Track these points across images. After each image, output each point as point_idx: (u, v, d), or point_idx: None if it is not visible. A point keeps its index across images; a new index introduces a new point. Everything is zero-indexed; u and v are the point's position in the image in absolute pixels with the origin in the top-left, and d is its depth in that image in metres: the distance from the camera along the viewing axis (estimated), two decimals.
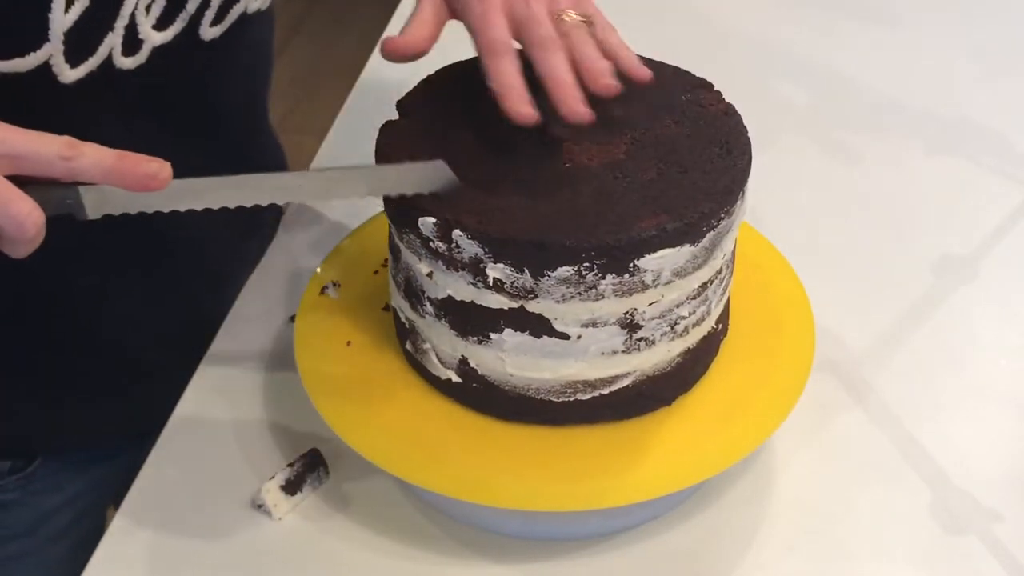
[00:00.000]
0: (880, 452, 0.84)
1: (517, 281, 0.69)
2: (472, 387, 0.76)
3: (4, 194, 0.61)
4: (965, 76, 1.22)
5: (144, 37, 0.75)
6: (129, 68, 0.75)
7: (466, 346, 0.74)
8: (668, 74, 0.80)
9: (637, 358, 0.73)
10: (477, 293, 0.71)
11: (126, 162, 0.63)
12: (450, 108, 0.76)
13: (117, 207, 0.65)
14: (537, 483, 0.73)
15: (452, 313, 0.73)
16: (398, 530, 0.79)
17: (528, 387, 0.74)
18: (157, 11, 0.75)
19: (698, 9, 1.32)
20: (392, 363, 0.80)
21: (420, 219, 0.70)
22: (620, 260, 0.68)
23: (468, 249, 0.69)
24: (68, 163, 0.62)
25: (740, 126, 0.76)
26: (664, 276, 0.70)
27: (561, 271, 0.68)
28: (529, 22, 0.73)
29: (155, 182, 0.63)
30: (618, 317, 0.71)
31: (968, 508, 0.81)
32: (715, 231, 0.71)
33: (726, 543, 0.79)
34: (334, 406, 0.76)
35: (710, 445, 0.75)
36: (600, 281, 0.69)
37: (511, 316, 0.71)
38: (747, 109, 0.78)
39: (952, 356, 0.92)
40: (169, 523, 0.80)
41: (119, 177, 0.63)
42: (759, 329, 0.82)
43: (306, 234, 1.01)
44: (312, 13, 3.19)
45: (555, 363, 0.72)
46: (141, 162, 0.63)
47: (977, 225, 1.04)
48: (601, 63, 0.73)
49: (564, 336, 0.71)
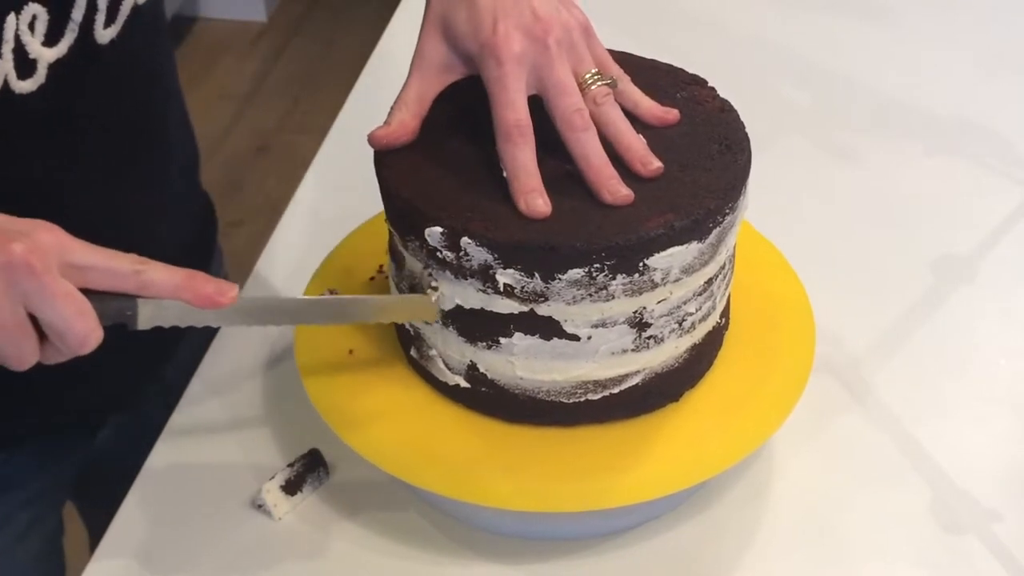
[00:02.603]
0: (880, 452, 0.84)
1: (527, 286, 0.69)
2: (481, 391, 0.75)
3: (75, 307, 0.62)
4: (965, 76, 1.22)
5: (36, 56, 0.71)
6: (30, 91, 0.72)
7: (475, 352, 0.73)
8: (661, 72, 0.81)
9: (646, 356, 0.73)
10: (487, 300, 0.70)
11: (196, 280, 0.65)
12: (452, 111, 0.76)
13: (169, 320, 0.67)
14: (536, 484, 0.73)
15: (460, 320, 0.73)
16: (398, 530, 0.79)
17: (539, 390, 0.74)
18: (42, 27, 0.71)
19: (699, 10, 1.32)
20: (392, 364, 0.80)
21: (427, 229, 0.70)
22: (630, 260, 0.68)
23: (477, 256, 0.69)
24: (139, 277, 0.64)
25: (738, 122, 0.76)
26: (673, 274, 0.70)
27: (572, 273, 0.68)
28: (554, 89, 0.71)
29: (223, 299, 0.65)
30: (627, 316, 0.71)
31: (968, 508, 0.81)
32: (720, 227, 0.71)
33: (726, 543, 0.79)
34: (334, 406, 0.76)
35: (710, 445, 0.75)
36: (611, 282, 0.69)
37: (521, 320, 0.71)
38: (748, 109, 0.78)
39: (952, 356, 0.92)
40: (169, 523, 0.80)
41: (190, 294, 0.65)
42: (759, 329, 0.82)
43: (305, 234, 1.01)
44: (312, 13, 3.20)
45: (565, 364, 0.72)
46: (210, 281, 0.65)
47: (977, 225, 1.04)
48: (638, 144, 0.72)
49: (574, 337, 0.71)
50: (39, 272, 0.61)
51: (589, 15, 0.75)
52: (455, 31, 0.73)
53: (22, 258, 0.61)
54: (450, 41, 0.73)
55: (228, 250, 1.07)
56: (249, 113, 2.82)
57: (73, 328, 0.63)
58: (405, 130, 0.74)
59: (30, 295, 0.61)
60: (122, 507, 0.81)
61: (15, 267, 0.61)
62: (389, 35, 1.27)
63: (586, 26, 0.74)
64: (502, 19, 0.70)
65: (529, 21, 0.70)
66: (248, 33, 3.10)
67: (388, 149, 0.74)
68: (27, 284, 0.61)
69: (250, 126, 2.78)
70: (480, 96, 0.72)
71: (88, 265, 0.63)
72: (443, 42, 0.74)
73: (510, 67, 0.70)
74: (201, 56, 2.96)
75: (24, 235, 0.61)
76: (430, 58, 0.74)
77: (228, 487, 0.81)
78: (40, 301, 0.62)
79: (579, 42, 0.73)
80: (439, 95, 0.76)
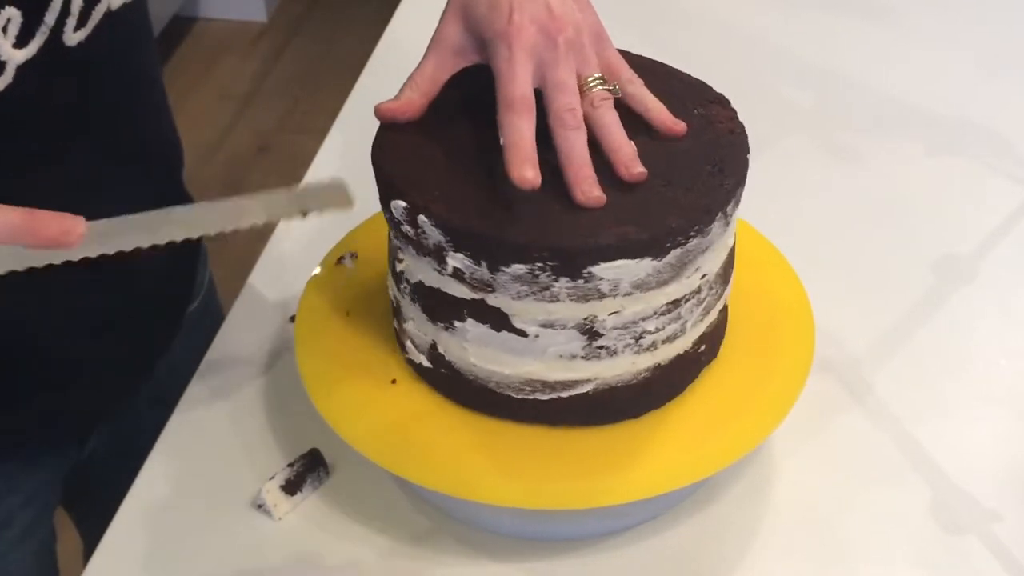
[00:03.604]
0: (880, 452, 0.84)
1: (476, 273, 0.69)
2: (440, 373, 0.76)
3: None
4: (965, 76, 1.22)
5: (6, 58, 0.71)
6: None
7: (436, 331, 0.74)
8: (687, 85, 0.79)
9: (598, 366, 0.73)
10: (442, 281, 0.71)
11: (36, 221, 0.59)
12: (451, 108, 0.76)
13: (22, 262, 0.61)
14: (537, 482, 0.73)
15: (423, 297, 0.74)
16: (398, 530, 0.79)
17: (489, 379, 0.74)
18: (15, 29, 0.71)
19: (700, 10, 1.32)
20: (393, 364, 0.80)
21: (393, 202, 0.71)
22: (572, 265, 0.68)
23: (432, 236, 0.70)
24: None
25: (741, 147, 0.74)
26: (623, 287, 0.69)
27: (515, 268, 0.68)
28: (554, 87, 0.71)
29: (69, 238, 0.59)
30: (577, 322, 0.70)
31: (968, 508, 0.81)
32: (683, 248, 0.69)
33: (726, 543, 0.79)
34: (334, 406, 0.76)
35: (710, 445, 0.75)
36: (554, 283, 0.68)
37: (473, 307, 0.71)
38: (748, 109, 0.78)
39: (952, 356, 0.92)
40: (169, 523, 0.80)
41: (30, 237, 0.59)
42: (759, 329, 0.82)
43: (305, 234, 1.01)
44: (312, 13, 3.20)
45: (514, 359, 0.73)
46: (53, 219, 0.59)
47: (977, 225, 1.04)
48: (627, 148, 0.72)
49: (523, 333, 0.71)
50: None
51: None
52: (475, 16, 0.74)
53: None
54: (468, 26, 0.75)
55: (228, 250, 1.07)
56: (249, 113, 2.82)
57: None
58: (412, 107, 0.75)
59: None
60: (122, 507, 0.81)
61: None
62: (389, 35, 1.27)
63: (598, 31, 0.75)
64: (518, 11, 0.72)
65: (544, 17, 0.72)
66: (248, 33, 3.10)
67: (391, 123, 0.75)
68: None
69: (250, 126, 2.78)
70: (479, 91, 0.73)
71: None
72: (462, 27, 0.75)
73: (519, 55, 0.71)
74: (201, 56, 2.96)
75: None
76: (447, 41, 0.75)
77: (228, 487, 0.81)
78: None
79: (587, 45, 0.73)
80: (455, 82, 0.76)
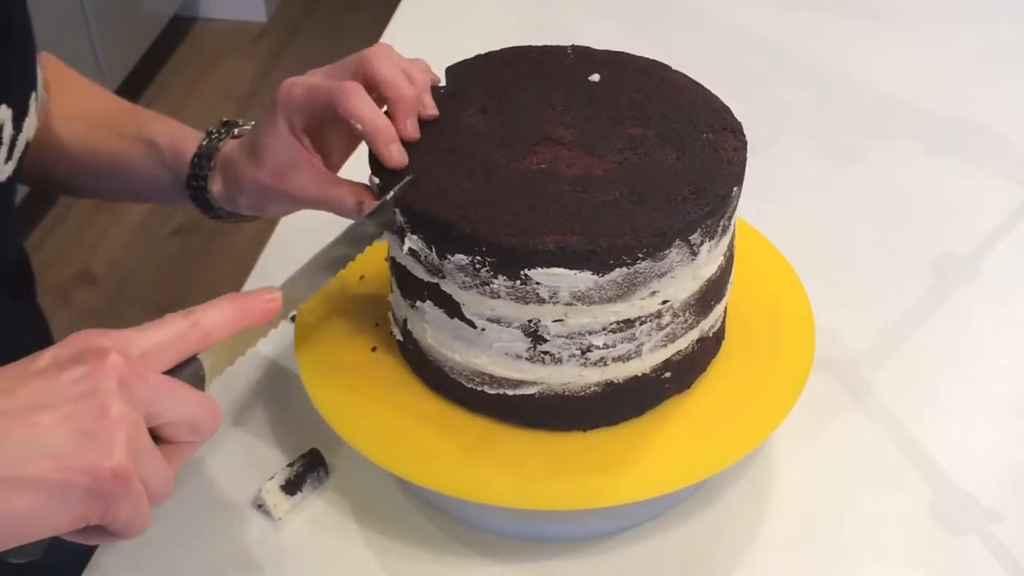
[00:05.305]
0: (880, 452, 0.84)
1: (427, 256, 0.71)
2: (409, 349, 0.78)
3: (185, 388, 0.57)
4: (965, 76, 1.22)
5: None
6: None
7: (406, 307, 0.76)
8: (711, 108, 0.77)
9: (543, 370, 0.73)
10: (405, 259, 0.73)
11: (242, 303, 0.61)
12: (452, 104, 0.76)
13: (230, 358, 0.63)
14: (536, 482, 0.73)
15: (396, 272, 0.76)
16: (398, 530, 0.79)
17: (444, 363, 0.75)
18: None
19: (700, 10, 1.32)
20: (393, 365, 0.80)
21: (371, 176, 0.73)
22: (509, 264, 0.68)
23: (397, 215, 0.71)
24: (198, 329, 0.59)
25: (730, 178, 0.71)
26: (563, 296, 0.69)
27: (458, 258, 0.69)
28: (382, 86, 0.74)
29: (275, 304, 0.63)
30: (521, 323, 0.71)
31: (968, 508, 0.81)
32: (629, 268, 0.68)
33: (726, 543, 0.79)
34: (334, 406, 0.77)
35: (710, 445, 0.75)
36: (493, 280, 0.69)
37: (430, 290, 0.72)
38: (748, 109, 0.78)
39: (952, 356, 0.92)
40: (169, 523, 0.80)
41: (246, 318, 0.61)
42: (759, 328, 0.82)
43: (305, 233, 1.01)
44: (312, 13, 3.20)
45: (464, 348, 0.73)
46: (249, 297, 0.62)
47: (977, 225, 1.04)
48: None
49: (472, 324, 0.72)
50: (144, 371, 0.55)
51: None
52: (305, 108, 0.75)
53: (125, 364, 0.54)
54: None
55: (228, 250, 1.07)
56: (250, 113, 2.82)
57: (201, 409, 0.57)
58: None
59: (151, 399, 0.55)
60: None
61: (125, 375, 0.54)
62: (389, 35, 1.27)
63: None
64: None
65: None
66: (248, 33, 3.10)
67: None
68: (142, 388, 0.55)
69: None
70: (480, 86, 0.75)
71: (150, 347, 0.57)
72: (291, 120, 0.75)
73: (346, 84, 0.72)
74: (201, 56, 2.96)
75: (99, 348, 0.54)
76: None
77: (228, 487, 0.81)
78: (159, 399, 0.55)
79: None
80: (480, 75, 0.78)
